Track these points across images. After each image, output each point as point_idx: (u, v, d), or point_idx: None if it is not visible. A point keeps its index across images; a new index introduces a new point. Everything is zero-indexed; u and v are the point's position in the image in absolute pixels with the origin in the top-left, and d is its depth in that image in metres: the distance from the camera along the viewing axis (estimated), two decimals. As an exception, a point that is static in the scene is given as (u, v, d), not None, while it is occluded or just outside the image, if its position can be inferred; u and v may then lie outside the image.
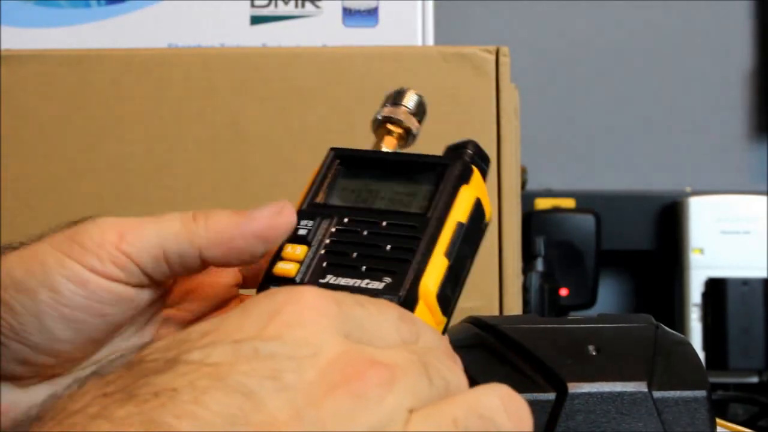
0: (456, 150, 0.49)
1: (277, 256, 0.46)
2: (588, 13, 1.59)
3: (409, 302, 0.44)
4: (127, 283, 0.44)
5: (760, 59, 1.59)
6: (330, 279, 0.45)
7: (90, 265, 0.43)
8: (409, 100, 0.50)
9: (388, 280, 0.45)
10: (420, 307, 0.44)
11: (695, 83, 1.59)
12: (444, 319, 0.45)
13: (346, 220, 0.46)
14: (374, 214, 0.47)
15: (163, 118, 0.76)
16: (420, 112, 0.51)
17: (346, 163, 0.49)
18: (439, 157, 0.48)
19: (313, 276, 0.45)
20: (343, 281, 0.45)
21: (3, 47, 0.82)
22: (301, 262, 0.46)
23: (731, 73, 1.59)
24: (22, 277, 0.42)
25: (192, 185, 0.75)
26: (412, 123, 0.50)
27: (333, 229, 0.46)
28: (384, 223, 0.46)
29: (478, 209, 0.47)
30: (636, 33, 1.59)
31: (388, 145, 0.50)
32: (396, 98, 0.50)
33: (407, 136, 0.50)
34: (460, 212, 0.46)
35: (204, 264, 0.44)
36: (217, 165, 0.75)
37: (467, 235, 0.46)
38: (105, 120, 0.76)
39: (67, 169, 0.76)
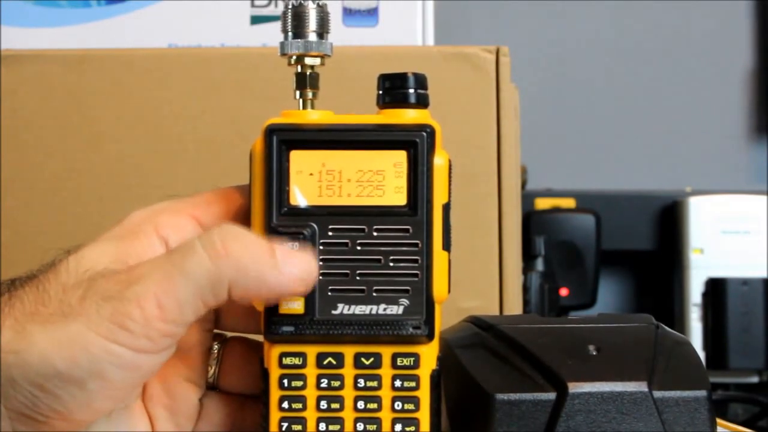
0: (394, 93, 0.45)
1: None
2: (588, 13, 1.59)
3: (430, 317, 0.45)
4: (174, 343, 0.43)
5: (760, 59, 1.59)
6: (343, 309, 0.44)
7: (141, 348, 0.41)
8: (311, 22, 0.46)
9: (405, 302, 0.44)
10: (437, 307, 0.45)
11: (695, 83, 1.59)
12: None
13: (329, 232, 0.45)
14: (357, 219, 0.45)
15: (163, 118, 0.76)
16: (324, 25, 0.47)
17: (291, 144, 0.45)
18: (387, 126, 0.45)
19: (323, 309, 0.44)
20: (358, 310, 0.44)
21: (3, 47, 0.82)
22: (303, 294, 0.45)
23: (731, 73, 1.59)
24: (66, 367, 0.40)
25: (192, 185, 0.74)
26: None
27: (321, 246, 0.45)
28: (374, 232, 0.45)
29: (448, 167, 0.46)
30: (636, 33, 1.59)
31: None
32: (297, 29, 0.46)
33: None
34: (441, 192, 0.45)
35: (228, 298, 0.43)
36: (217, 165, 0.75)
37: (449, 206, 0.45)
38: (105, 120, 0.76)
39: (67, 169, 0.76)
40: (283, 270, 0.43)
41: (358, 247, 0.45)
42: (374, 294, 0.45)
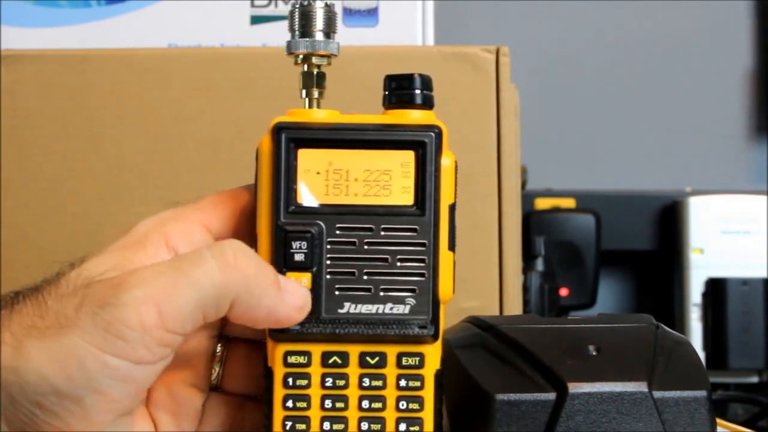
0: (400, 94, 0.46)
1: None
2: (588, 13, 1.59)
3: (436, 317, 0.45)
4: (171, 353, 0.42)
5: (760, 59, 1.59)
6: (349, 308, 0.45)
7: (138, 358, 0.40)
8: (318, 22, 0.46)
9: (411, 301, 0.45)
10: (441, 307, 0.45)
11: (695, 83, 1.59)
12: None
13: (337, 231, 0.45)
14: (364, 218, 0.45)
15: (163, 117, 0.76)
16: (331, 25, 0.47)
17: (299, 142, 0.45)
18: (395, 126, 0.45)
19: (329, 308, 0.45)
20: (364, 309, 0.44)
21: (3, 47, 0.82)
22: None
23: (731, 73, 1.59)
24: (62, 384, 0.40)
25: (192, 185, 0.75)
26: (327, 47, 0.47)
27: (328, 245, 0.45)
28: (381, 231, 0.45)
29: (455, 168, 0.46)
30: (636, 33, 1.59)
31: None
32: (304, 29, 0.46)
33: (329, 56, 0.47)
34: (448, 193, 0.45)
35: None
36: (217, 165, 0.75)
37: (455, 206, 0.46)
38: (105, 120, 0.76)
39: (67, 169, 0.76)
40: (285, 296, 0.43)
41: (365, 247, 0.45)
42: (381, 293, 0.45)
